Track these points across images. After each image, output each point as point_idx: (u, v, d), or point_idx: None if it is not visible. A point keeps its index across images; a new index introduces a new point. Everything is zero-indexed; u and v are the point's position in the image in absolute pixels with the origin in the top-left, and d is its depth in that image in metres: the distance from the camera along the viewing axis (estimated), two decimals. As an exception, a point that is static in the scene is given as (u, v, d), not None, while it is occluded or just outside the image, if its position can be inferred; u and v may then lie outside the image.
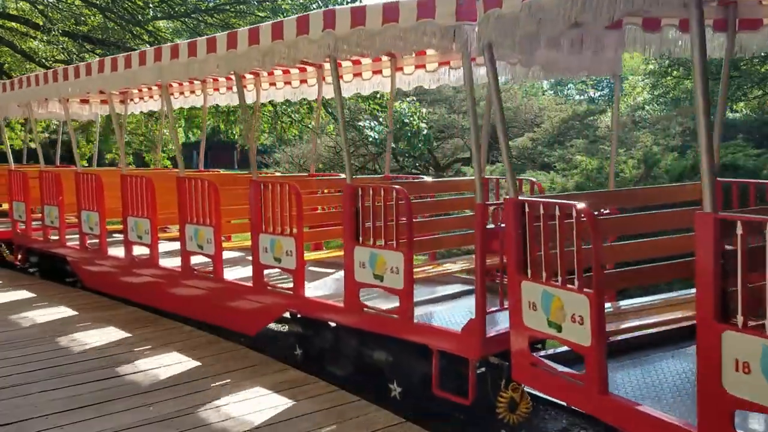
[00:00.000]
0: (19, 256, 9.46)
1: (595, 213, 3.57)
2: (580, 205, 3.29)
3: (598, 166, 11.76)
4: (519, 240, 3.64)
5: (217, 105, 9.52)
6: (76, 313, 6.94)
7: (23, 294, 7.88)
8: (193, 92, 9.09)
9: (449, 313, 4.82)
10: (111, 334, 6.12)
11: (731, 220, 2.68)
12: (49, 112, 10.06)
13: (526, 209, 3.60)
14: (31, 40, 16.59)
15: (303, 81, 7.56)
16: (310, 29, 4.74)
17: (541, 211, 3.48)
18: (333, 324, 5.22)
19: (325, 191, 7.07)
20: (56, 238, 8.49)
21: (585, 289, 3.26)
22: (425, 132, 16.76)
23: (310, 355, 5.51)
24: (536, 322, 3.58)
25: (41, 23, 14.68)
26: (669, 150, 13.00)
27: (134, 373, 5.03)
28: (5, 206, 11.65)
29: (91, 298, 7.65)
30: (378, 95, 15.25)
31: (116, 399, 4.48)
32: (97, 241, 7.70)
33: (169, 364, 5.24)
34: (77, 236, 8.12)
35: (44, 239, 8.73)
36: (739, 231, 2.63)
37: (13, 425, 4.07)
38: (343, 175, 6.37)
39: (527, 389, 4.03)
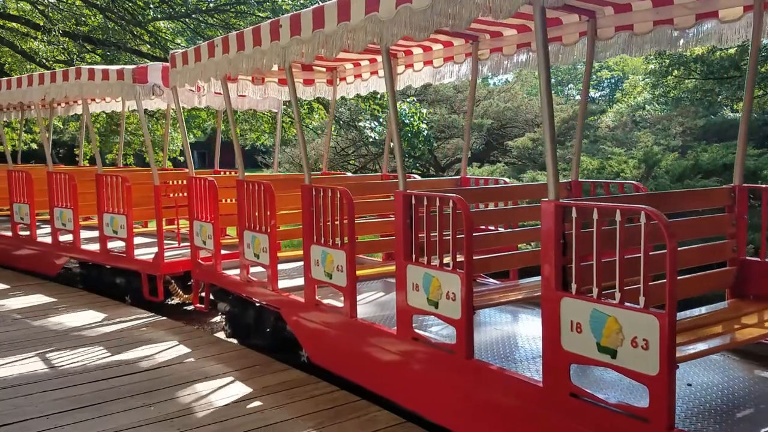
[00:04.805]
0: (201, 298, 6.85)
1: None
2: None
3: (598, 166, 11.77)
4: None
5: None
6: (77, 312, 6.95)
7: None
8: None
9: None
10: (112, 334, 6.13)
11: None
12: (241, 95, 7.61)
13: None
14: (32, 40, 16.61)
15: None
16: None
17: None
18: None
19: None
20: (249, 270, 5.86)
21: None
22: (425, 132, 16.77)
23: None
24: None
25: (42, 23, 14.72)
26: (669, 150, 13.02)
27: (135, 373, 5.03)
28: None
29: (93, 297, 7.65)
30: (378, 95, 15.27)
31: (117, 399, 4.49)
32: (330, 289, 4.85)
33: (169, 364, 5.24)
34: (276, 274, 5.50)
35: (243, 279, 5.91)
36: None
37: (14, 425, 4.08)
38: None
39: None
